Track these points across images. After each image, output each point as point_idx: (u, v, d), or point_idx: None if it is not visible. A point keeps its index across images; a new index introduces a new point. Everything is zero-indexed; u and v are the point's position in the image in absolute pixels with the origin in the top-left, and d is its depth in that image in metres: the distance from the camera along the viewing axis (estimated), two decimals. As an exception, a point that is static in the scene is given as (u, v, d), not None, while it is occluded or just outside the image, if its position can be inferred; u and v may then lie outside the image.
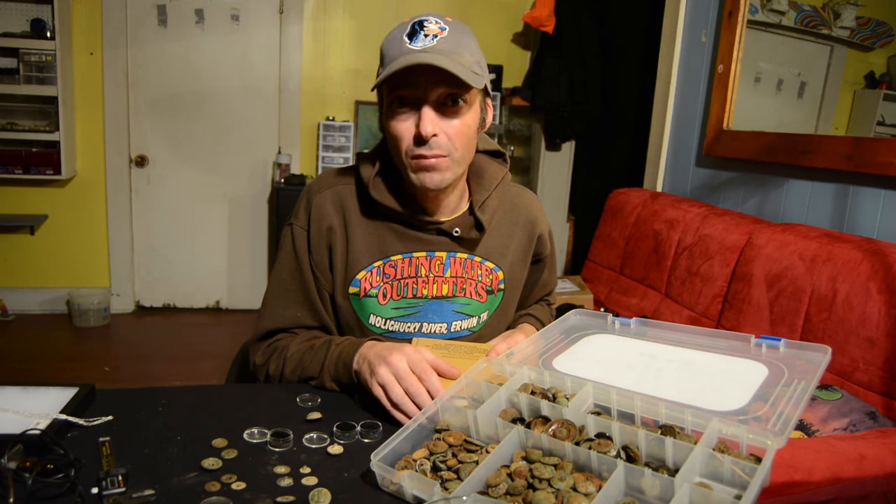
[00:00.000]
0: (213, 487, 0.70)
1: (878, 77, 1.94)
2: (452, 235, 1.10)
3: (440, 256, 1.10)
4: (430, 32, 0.96)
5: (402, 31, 0.98)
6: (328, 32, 3.76)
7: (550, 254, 1.28)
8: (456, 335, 1.14)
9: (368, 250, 1.08)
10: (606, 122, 3.65)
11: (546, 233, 1.25)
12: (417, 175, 1.01)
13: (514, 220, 1.18)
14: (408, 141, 0.98)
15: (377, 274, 1.08)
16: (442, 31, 0.96)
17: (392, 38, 0.99)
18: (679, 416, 0.73)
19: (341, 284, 1.09)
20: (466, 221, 1.11)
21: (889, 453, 1.01)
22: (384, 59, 0.99)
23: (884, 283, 1.39)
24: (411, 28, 0.97)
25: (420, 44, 0.95)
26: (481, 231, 1.10)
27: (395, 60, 0.95)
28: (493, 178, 1.14)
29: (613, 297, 2.43)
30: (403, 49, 0.96)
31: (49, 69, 3.24)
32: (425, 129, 0.96)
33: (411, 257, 1.09)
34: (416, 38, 0.96)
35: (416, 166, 1.00)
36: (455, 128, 0.99)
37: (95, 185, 3.62)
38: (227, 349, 3.15)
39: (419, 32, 0.96)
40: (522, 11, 3.65)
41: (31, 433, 0.73)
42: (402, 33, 0.97)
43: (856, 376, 1.41)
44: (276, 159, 3.71)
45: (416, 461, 0.73)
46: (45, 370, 2.98)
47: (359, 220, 1.09)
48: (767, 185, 2.12)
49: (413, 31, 0.96)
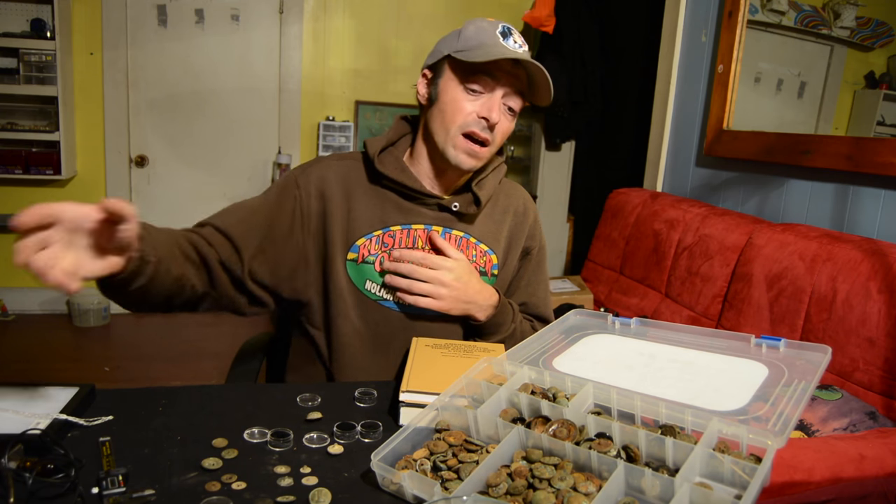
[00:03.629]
0: (213, 487, 0.70)
1: (878, 77, 1.94)
2: (452, 211, 1.15)
3: (437, 230, 1.15)
4: (518, 41, 1.07)
5: (493, 27, 1.07)
6: (328, 32, 3.76)
7: (539, 252, 1.28)
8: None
9: (369, 218, 1.13)
10: (606, 122, 3.65)
11: (536, 224, 1.27)
12: (458, 153, 1.09)
13: (506, 209, 1.23)
14: (468, 118, 1.07)
15: (376, 242, 1.13)
16: (524, 45, 1.09)
17: (482, 28, 1.07)
18: (679, 416, 0.73)
19: (341, 250, 1.13)
20: (465, 197, 1.17)
21: (889, 453, 1.01)
22: (472, 41, 1.06)
23: (884, 283, 1.39)
24: (503, 28, 1.07)
25: (512, 46, 1.06)
26: (479, 206, 1.16)
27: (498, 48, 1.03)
28: (491, 163, 1.21)
29: (613, 297, 2.43)
30: (500, 44, 1.05)
31: (49, 69, 3.24)
32: (495, 117, 1.06)
33: (410, 229, 1.14)
34: (508, 39, 1.06)
35: (464, 144, 1.08)
36: (505, 127, 1.11)
37: (95, 185, 3.62)
38: (227, 349, 3.14)
39: (510, 36, 1.07)
40: (522, 11, 3.65)
41: (31, 433, 0.73)
42: (495, 30, 1.06)
43: (856, 376, 1.41)
44: (276, 159, 3.70)
45: (416, 461, 0.73)
46: (45, 370, 2.98)
47: (364, 190, 1.15)
48: (767, 185, 2.12)
49: (505, 33, 1.06)
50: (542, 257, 1.30)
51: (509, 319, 1.17)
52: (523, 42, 1.08)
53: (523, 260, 1.26)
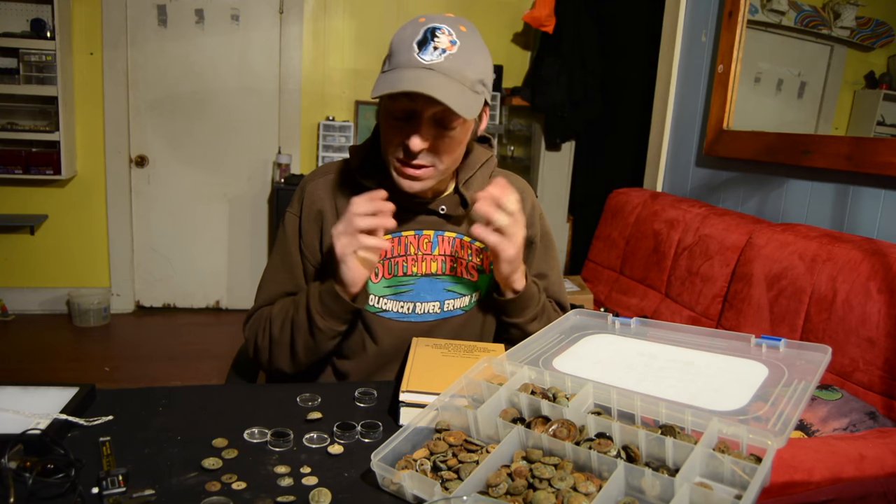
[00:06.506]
0: (213, 487, 0.70)
1: (878, 77, 1.94)
2: (439, 214, 1.14)
3: (428, 235, 1.14)
4: (439, 45, 0.96)
5: (413, 34, 0.98)
6: (328, 32, 3.76)
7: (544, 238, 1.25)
8: (449, 314, 1.16)
9: None
10: (606, 122, 3.65)
11: (535, 212, 1.23)
12: (398, 178, 1.06)
13: None
14: (396, 146, 1.03)
15: None
16: (452, 46, 0.97)
17: (403, 38, 0.99)
18: (679, 416, 0.73)
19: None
20: (452, 199, 1.15)
21: (889, 453, 1.01)
22: (391, 59, 1.00)
23: (884, 283, 1.39)
24: (423, 35, 0.97)
25: (428, 57, 0.96)
26: (466, 207, 1.14)
27: (402, 71, 0.96)
28: (478, 159, 1.18)
29: (613, 297, 2.43)
30: (412, 60, 0.96)
31: (49, 69, 3.24)
32: (414, 146, 0.99)
33: (400, 236, 1.13)
34: (426, 48, 0.96)
35: (400, 171, 1.05)
36: (445, 143, 1.02)
37: (95, 185, 3.62)
38: (227, 349, 3.15)
39: (429, 43, 0.96)
40: (522, 11, 3.65)
41: (32, 433, 0.73)
42: (414, 38, 0.97)
43: (856, 376, 1.41)
44: (276, 159, 3.70)
45: (416, 461, 0.73)
46: (45, 370, 2.98)
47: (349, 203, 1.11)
48: (767, 185, 2.12)
49: (424, 40, 0.97)
50: (547, 242, 1.26)
51: (538, 290, 1.16)
52: (449, 44, 0.96)
53: (527, 250, 1.22)
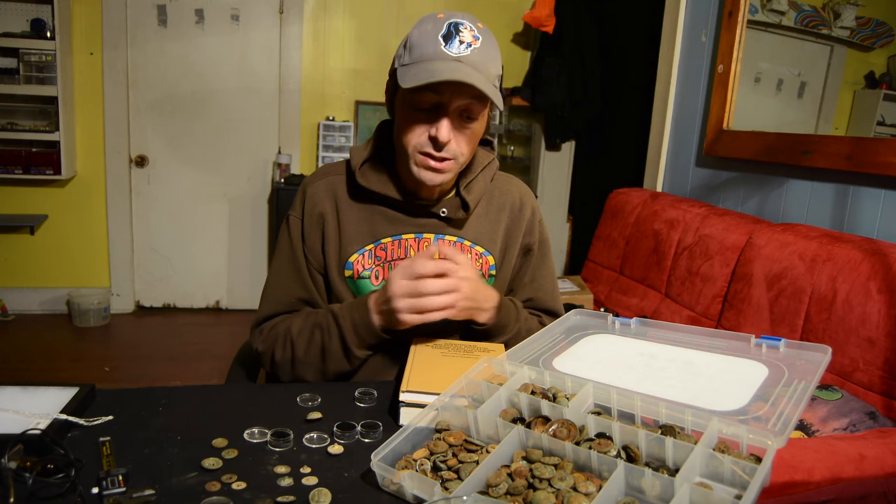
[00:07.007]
0: (213, 487, 0.70)
1: (878, 77, 1.94)
2: (440, 217, 1.14)
3: (428, 238, 1.14)
4: (464, 40, 0.98)
5: (437, 28, 0.99)
6: (328, 32, 3.76)
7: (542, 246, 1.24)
8: None
9: (359, 234, 1.13)
10: (606, 122, 3.65)
11: (535, 217, 1.23)
12: (420, 171, 1.05)
13: (501, 207, 1.21)
14: (420, 138, 1.03)
15: (369, 256, 1.13)
16: (476, 41, 0.99)
17: (426, 32, 1.00)
18: (679, 416, 0.73)
19: (336, 267, 1.13)
20: (453, 202, 1.14)
21: (889, 453, 1.01)
22: (412, 52, 1.00)
23: (884, 283, 1.39)
24: (447, 29, 0.99)
25: (455, 50, 0.98)
26: (467, 211, 1.14)
27: (431, 63, 0.97)
28: (480, 163, 1.18)
29: (613, 297, 2.43)
30: (439, 52, 0.98)
31: (49, 69, 3.24)
32: (443, 137, 1.00)
33: (400, 239, 1.13)
34: (452, 42, 0.98)
35: (423, 163, 1.04)
36: (467, 135, 1.04)
37: (95, 185, 3.62)
38: (227, 349, 3.15)
39: (455, 37, 0.98)
40: (522, 11, 3.66)
41: (32, 433, 0.73)
42: (438, 32, 0.98)
43: (856, 376, 1.41)
44: (276, 159, 3.71)
45: (416, 461, 0.73)
46: (45, 370, 2.98)
47: (350, 206, 1.14)
48: (767, 185, 2.12)
49: (449, 34, 0.98)
50: (545, 250, 1.26)
51: (512, 320, 1.13)
52: (473, 38, 0.99)
53: (525, 257, 1.23)
